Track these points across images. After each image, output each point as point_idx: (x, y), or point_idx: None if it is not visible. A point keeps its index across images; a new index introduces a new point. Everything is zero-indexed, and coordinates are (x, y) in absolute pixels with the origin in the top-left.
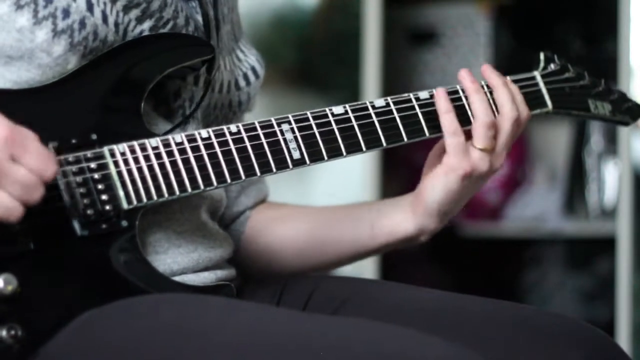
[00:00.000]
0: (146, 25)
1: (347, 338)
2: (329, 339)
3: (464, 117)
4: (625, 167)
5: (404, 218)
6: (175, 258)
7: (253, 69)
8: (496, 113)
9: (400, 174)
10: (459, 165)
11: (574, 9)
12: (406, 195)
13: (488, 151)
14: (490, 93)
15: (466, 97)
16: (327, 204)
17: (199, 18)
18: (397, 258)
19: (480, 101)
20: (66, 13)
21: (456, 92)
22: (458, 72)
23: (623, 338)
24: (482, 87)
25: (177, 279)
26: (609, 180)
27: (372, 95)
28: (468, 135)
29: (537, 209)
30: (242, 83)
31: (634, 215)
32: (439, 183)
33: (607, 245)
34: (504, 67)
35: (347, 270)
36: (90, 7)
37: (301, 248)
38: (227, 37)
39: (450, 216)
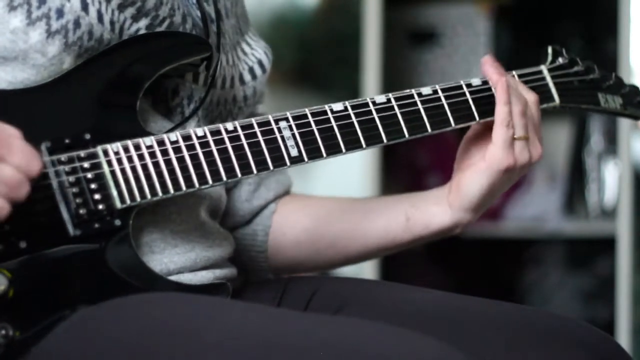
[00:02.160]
0: (142, 23)
1: (334, 338)
2: (316, 339)
3: (468, 112)
4: (625, 167)
5: (441, 211)
6: (172, 258)
7: (260, 63)
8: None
9: (400, 173)
10: (505, 158)
11: (574, 9)
12: (440, 188)
13: (524, 140)
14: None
15: (471, 92)
16: None
17: (198, 13)
18: (397, 258)
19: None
20: (60, 13)
21: (457, 87)
22: (482, 60)
23: (623, 338)
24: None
25: (173, 278)
26: (609, 180)
27: (372, 95)
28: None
29: (537, 209)
30: (247, 77)
31: (634, 215)
32: (482, 178)
33: (607, 245)
34: (504, 67)
35: (347, 271)
36: (85, 7)
37: (330, 240)
38: (232, 31)
39: (485, 209)
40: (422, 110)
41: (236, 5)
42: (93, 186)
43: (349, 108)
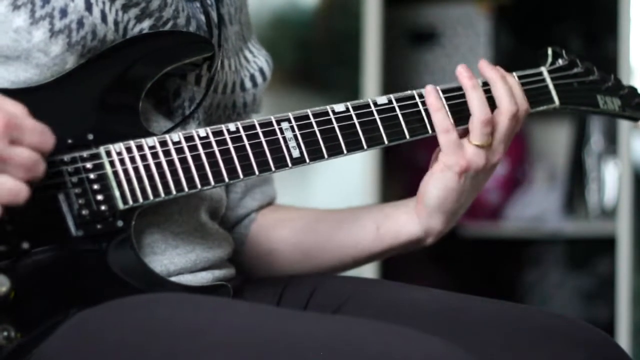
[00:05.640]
0: (146, 24)
1: (334, 337)
2: (317, 338)
3: (463, 115)
4: (625, 167)
5: (409, 219)
6: (172, 259)
7: (261, 70)
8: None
9: (401, 175)
10: (455, 161)
11: (574, 9)
12: (412, 198)
13: (484, 147)
14: (489, 89)
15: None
16: (328, 206)
17: (202, 18)
18: (397, 258)
19: (477, 98)
20: (64, 13)
21: (457, 89)
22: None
23: (623, 338)
24: (481, 83)
25: (173, 279)
26: (609, 180)
27: (372, 95)
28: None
29: (537, 209)
30: (248, 84)
31: (634, 215)
32: (435, 181)
33: (607, 245)
34: (504, 67)
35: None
36: (89, 7)
37: (303, 250)
38: (235, 38)
39: (457, 217)
40: (423, 112)
41: (240, 12)
42: (96, 187)
43: (351, 109)
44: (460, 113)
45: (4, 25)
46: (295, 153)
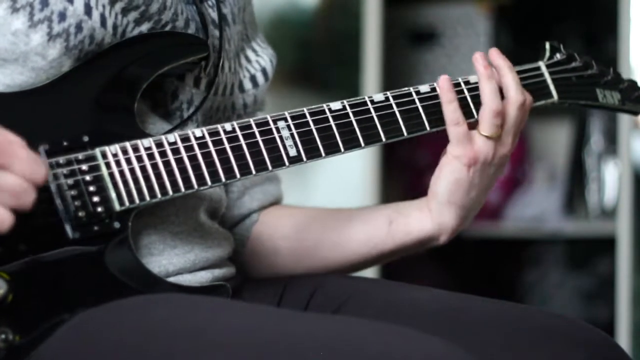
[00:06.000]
0: (144, 27)
1: (334, 337)
2: (317, 339)
3: (466, 110)
4: (625, 167)
5: (421, 215)
6: (171, 259)
7: (263, 70)
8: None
9: (401, 175)
10: (463, 153)
11: (574, 9)
12: (426, 197)
13: (493, 138)
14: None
15: (469, 90)
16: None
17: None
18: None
19: (490, 88)
20: (62, 17)
21: (458, 84)
22: (473, 56)
23: (623, 338)
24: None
25: (172, 279)
26: (609, 180)
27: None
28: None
29: (537, 209)
30: (247, 86)
31: (634, 215)
32: (445, 173)
33: (607, 245)
34: None
35: None
36: (88, 11)
37: (308, 248)
38: (237, 38)
39: (471, 214)
40: (420, 109)
41: (244, 11)
42: (92, 189)
43: (347, 107)
44: (463, 108)
45: (2, 28)
46: (292, 152)
